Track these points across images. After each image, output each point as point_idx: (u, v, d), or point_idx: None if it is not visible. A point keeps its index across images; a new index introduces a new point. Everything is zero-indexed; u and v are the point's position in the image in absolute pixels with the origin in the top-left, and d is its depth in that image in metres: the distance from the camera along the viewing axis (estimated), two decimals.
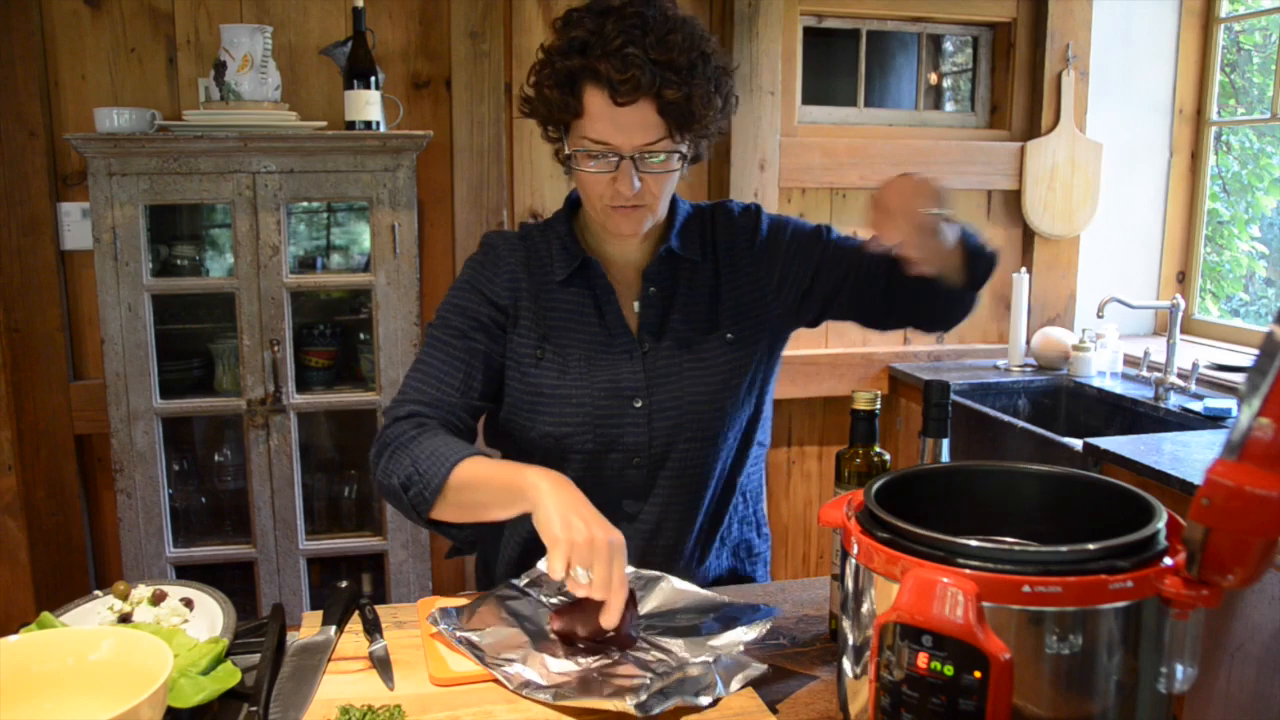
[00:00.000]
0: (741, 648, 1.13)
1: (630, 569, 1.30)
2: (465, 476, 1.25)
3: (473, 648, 1.15)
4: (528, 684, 1.08)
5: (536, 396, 1.39)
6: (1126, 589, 0.81)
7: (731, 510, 1.52)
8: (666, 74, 1.24)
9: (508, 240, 1.46)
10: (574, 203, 1.47)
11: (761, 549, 1.59)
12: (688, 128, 1.29)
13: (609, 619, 1.10)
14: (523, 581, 1.31)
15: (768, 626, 1.17)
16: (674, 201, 1.46)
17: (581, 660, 1.12)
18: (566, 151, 1.32)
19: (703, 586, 1.31)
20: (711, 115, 1.31)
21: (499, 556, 1.50)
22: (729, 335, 1.43)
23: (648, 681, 1.06)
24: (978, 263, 1.33)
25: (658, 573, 1.29)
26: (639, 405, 1.39)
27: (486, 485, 1.24)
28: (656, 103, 1.25)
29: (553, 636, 1.18)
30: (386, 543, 2.62)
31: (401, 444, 1.31)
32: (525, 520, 1.23)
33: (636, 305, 1.42)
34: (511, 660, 1.13)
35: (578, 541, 1.11)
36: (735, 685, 1.07)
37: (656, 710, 1.03)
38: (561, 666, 1.11)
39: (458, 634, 1.17)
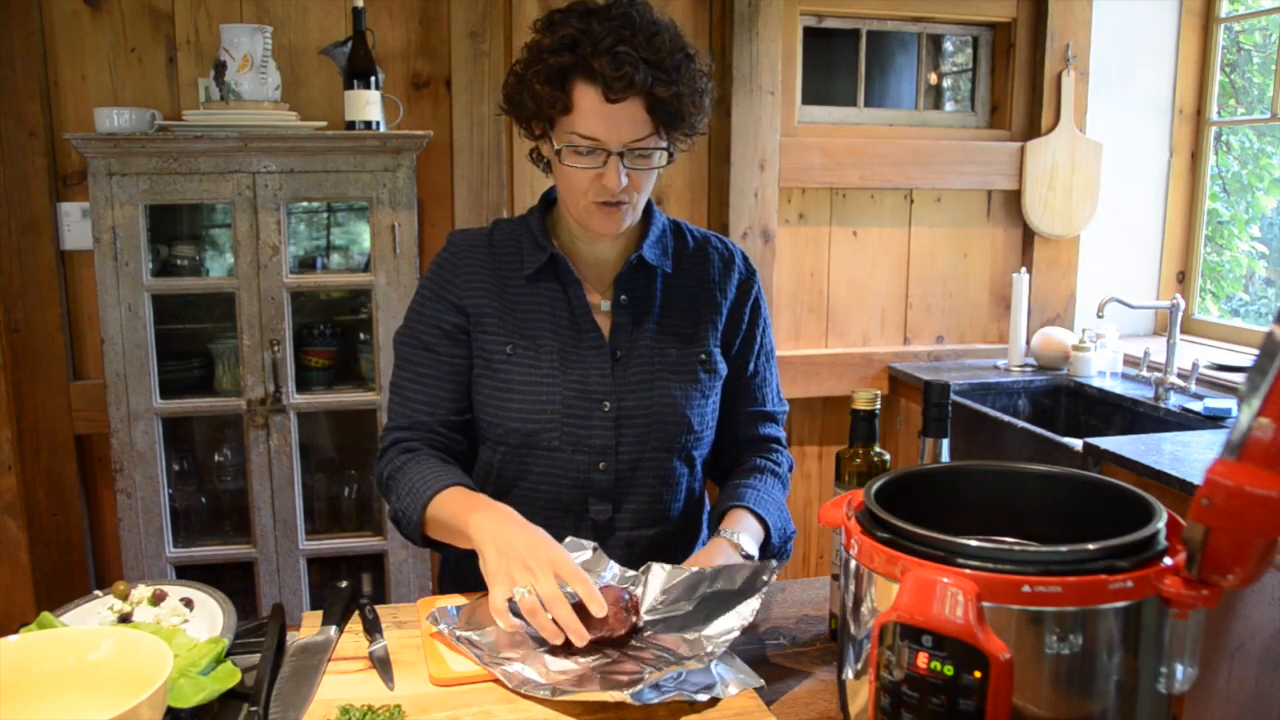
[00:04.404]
0: (737, 633, 1.13)
1: (615, 568, 1.30)
2: (432, 516, 1.33)
3: (473, 647, 1.15)
4: (527, 682, 1.08)
5: (507, 391, 1.40)
6: (1126, 589, 0.81)
7: (701, 534, 1.54)
8: (658, 73, 1.27)
9: (472, 239, 1.47)
10: (547, 200, 1.48)
11: None
12: (675, 126, 1.32)
13: (595, 611, 1.12)
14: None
15: (771, 578, 1.16)
16: (650, 210, 1.47)
17: (581, 660, 1.13)
18: (555, 147, 1.32)
19: None
20: (699, 115, 1.34)
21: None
22: (702, 355, 1.44)
23: (645, 675, 1.06)
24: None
25: (641, 568, 1.29)
26: (607, 408, 1.39)
27: (445, 527, 1.31)
28: (646, 100, 1.27)
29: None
30: (386, 543, 2.63)
31: (391, 475, 1.41)
32: None
33: (605, 305, 1.43)
34: (511, 659, 1.13)
35: (511, 572, 1.15)
36: (732, 690, 1.07)
37: (655, 700, 1.03)
38: (561, 665, 1.11)
39: (458, 634, 1.18)
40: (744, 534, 1.35)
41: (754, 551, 1.34)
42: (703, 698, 1.05)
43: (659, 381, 1.41)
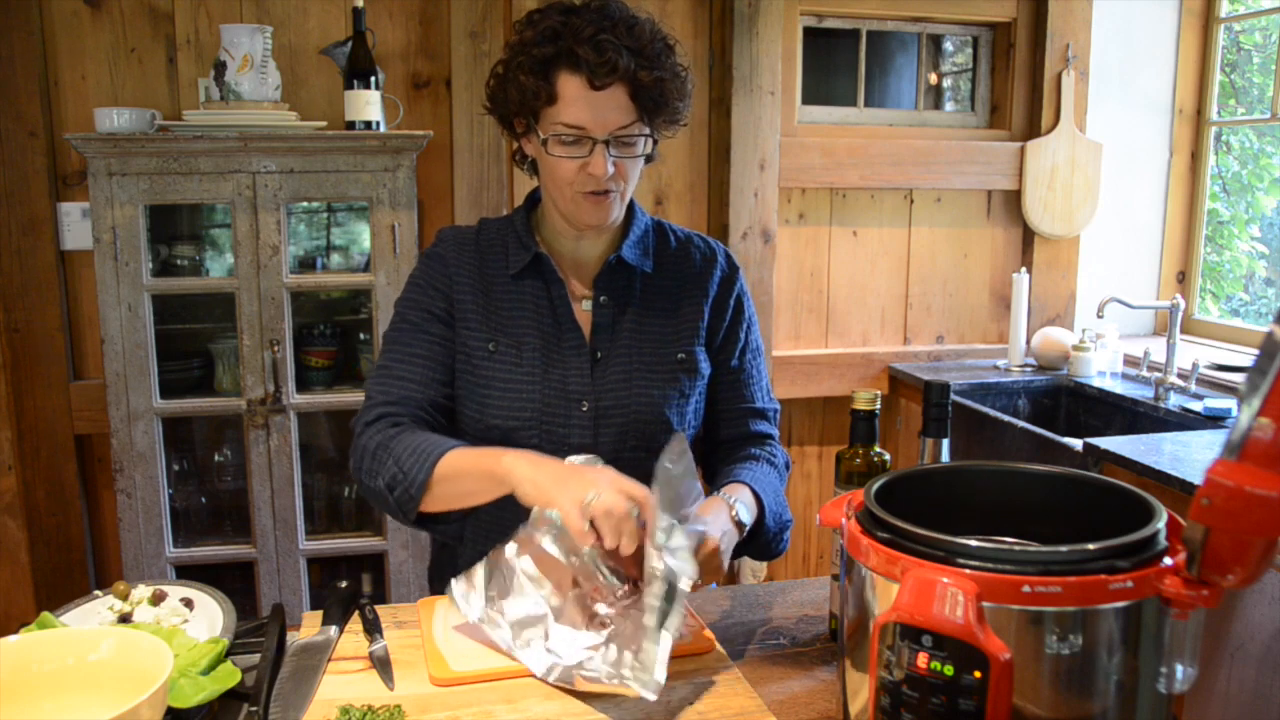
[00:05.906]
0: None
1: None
2: (447, 469, 1.28)
3: (496, 628, 1.16)
4: (552, 668, 1.11)
5: (486, 389, 1.40)
6: (1126, 589, 0.81)
7: None
8: (640, 59, 1.29)
9: (460, 237, 1.48)
10: (532, 200, 1.49)
11: None
12: (658, 113, 1.34)
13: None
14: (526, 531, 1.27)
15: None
16: (633, 210, 1.48)
17: (601, 627, 1.14)
18: (541, 138, 1.33)
19: None
20: (681, 102, 1.36)
21: (459, 562, 1.48)
22: (680, 355, 1.44)
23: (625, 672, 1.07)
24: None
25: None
26: (585, 408, 1.40)
27: (468, 475, 1.27)
28: (630, 87, 1.30)
29: (574, 591, 1.18)
30: (386, 543, 2.62)
31: (381, 445, 1.33)
32: (484, 528, 1.41)
33: (587, 305, 1.44)
34: (530, 641, 1.14)
35: (569, 484, 1.15)
36: (685, 584, 1.08)
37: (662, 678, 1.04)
38: (586, 640, 1.14)
39: (485, 615, 1.18)
40: (740, 502, 1.34)
41: (748, 520, 1.33)
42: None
43: (637, 381, 1.42)
